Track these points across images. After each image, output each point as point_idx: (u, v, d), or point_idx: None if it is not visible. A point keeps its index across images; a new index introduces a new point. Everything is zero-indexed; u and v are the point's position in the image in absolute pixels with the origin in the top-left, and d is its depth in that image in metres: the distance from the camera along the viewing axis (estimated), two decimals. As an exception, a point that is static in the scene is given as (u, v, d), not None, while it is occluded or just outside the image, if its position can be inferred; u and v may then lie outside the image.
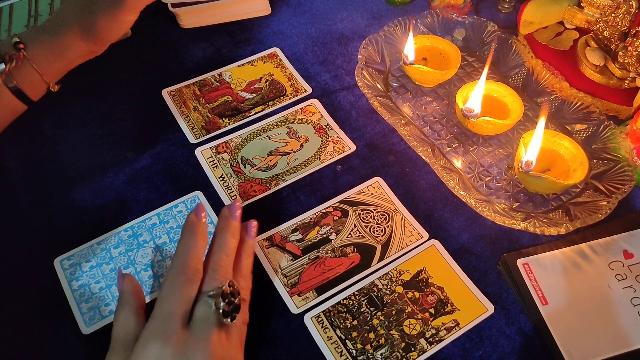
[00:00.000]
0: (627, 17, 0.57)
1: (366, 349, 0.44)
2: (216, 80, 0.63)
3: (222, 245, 0.43)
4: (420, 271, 0.48)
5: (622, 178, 0.51)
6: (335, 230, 0.51)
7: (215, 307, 0.38)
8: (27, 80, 0.49)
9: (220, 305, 0.38)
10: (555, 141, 0.53)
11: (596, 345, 0.44)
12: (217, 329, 0.38)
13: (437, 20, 0.64)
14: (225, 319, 0.38)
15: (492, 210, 0.49)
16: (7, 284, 0.48)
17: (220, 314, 0.38)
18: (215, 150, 0.57)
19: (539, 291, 0.47)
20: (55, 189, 0.54)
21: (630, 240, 0.50)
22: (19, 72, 0.48)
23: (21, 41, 0.48)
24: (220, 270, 0.41)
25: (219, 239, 0.44)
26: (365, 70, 0.59)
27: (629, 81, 0.58)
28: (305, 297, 0.47)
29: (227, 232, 0.44)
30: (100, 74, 0.63)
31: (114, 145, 0.58)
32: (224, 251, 0.43)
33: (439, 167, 0.52)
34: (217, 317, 0.38)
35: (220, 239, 0.44)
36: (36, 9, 0.68)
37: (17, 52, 0.48)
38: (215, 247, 0.43)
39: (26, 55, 0.48)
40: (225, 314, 0.38)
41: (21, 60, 0.48)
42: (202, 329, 0.38)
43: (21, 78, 0.49)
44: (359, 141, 0.58)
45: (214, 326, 0.38)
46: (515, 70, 0.61)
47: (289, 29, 0.69)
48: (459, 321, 0.46)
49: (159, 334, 0.37)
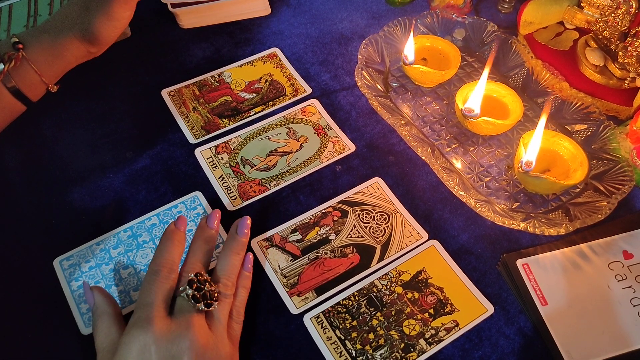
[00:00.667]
0: (627, 17, 0.57)
1: (366, 350, 0.44)
2: (216, 81, 0.63)
3: (194, 251, 0.44)
4: (419, 271, 0.48)
5: (622, 178, 0.51)
6: (334, 230, 0.51)
7: (186, 296, 0.40)
8: (26, 81, 0.49)
9: (189, 292, 0.40)
10: (555, 141, 0.53)
11: (596, 346, 0.44)
12: (197, 315, 0.40)
13: (437, 20, 0.64)
14: (198, 304, 0.40)
15: (491, 211, 0.49)
16: (7, 284, 0.48)
17: (192, 301, 0.40)
18: (215, 150, 0.57)
19: (539, 291, 0.47)
20: (55, 189, 0.54)
21: (630, 241, 0.50)
22: (18, 73, 0.48)
23: (20, 41, 0.48)
24: (190, 271, 0.42)
25: (192, 247, 0.45)
26: (365, 71, 0.59)
27: (629, 81, 0.58)
28: (304, 297, 0.47)
29: (199, 240, 0.45)
30: (100, 74, 0.63)
31: (113, 145, 0.58)
32: (196, 256, 0.44)
33: (439, 167, 0.52)
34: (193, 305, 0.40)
35: (193, 245, 0.45)
36: (35, 9, 0.68)
37: (16, 52, 0.48)
38: (188, 254, 0.44)
39: (25, 55, 0.48)
40: (195, 299, 0.40)
41: (20, 60, 0.48)
42: (182, 316, 0.39)
43: (20, 79, 0.49)
44: (358, 141, 0.58)
45: (193, 313, 0.39)
46: (515, 71, 0.61)
47: (288, 29, 0.69)
48: (459, 322, 0.46)
49: (140, 323, 0.38)
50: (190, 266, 0.43)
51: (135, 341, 0.37)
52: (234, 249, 0.46)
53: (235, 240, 0.46)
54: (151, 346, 0.37)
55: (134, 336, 0.37)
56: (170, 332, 0.38)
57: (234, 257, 0.45)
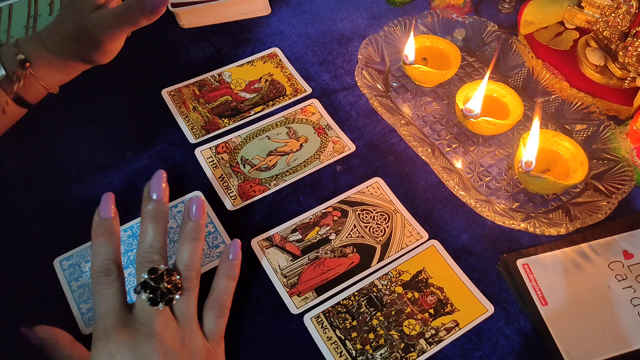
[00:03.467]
0: (627, 17, 0.57)
1: (366, 350, 0.44)
2: (216, 80, 0.63)
3: (143, 234, 0.41)
4: (419, 271, 0.48)
5: (622, 178, 0.51)
6: (334, 230, 0.51)
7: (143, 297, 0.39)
8: (30, 92, 0.50)
9: (143, 297, 0.38)
10: (555, 141, 0.53)
11: (596, 346, 0.44)
12: (159, 313, 0.38)
13: (437, 20, 0.64)
14: (155, 306, 0.38)
15: (492, 211, 0.49)
16: (7, 284, 0.48)
17: (148, 303, 0.38)
18: (215, 150, 0.57)
19: (539, 291, 0.47)
20: (55, 189, 0.54)
21: (631, 241, 0.50)
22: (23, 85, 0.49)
23: (27, 58, 0.48)
24: (143, 264, 0.40)
25: (141, 228, 0.41)
26: (365, 71, 0.59)
27: (629, 81, 0.58)
28: (304, 297, 0.47)
29: (146, 219, 0.41)
30: (100, 74, 0.63)
31: (113, 145, 0.58)
32: (146, 241, 0.41)
33: (439, 167, 0.52)
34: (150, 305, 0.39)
35: (142, 226, 0.41)
36: (35, 9, 0.68)
37: (24, 70, 0.48)
38: (139, 239, 0.41)
39: (33, 73, 0.49)
40: (153, 302, 0.38)
41: (28, 78, 0.49)
42: (143, 317, 0.38)
43: (24, 90, 0.49)
44: (358, 141, 0.58)
45: (154, 313, 0.38)
46: (515, 70, 0.61)
47: (288, 29, 0.69)
48: (459, 322, 0.46)
49: (101, 334, 0.37)
50: (141, 257, 0.40)
51: (101, 353, 0.37)
52: (189, 235, 0.42)
53: (188, 224, 0.43)
54: (116, 355, 0.36)
55: (99, 348, 0.37)
56: (133, 336, 0.37)
57: (191, 245, 0.42)
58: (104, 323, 0.38)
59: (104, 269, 0.39)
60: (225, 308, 0.43)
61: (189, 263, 0.41)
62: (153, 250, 0.40)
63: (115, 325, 0.37)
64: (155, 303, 0.38)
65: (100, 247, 0.40)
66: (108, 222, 0.41)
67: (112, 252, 0.40)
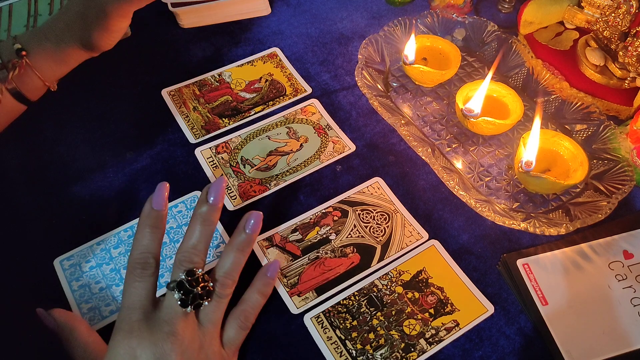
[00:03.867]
0: (627, 17, 0.57)
1: (366, 349, 0.44)
2: (216, 80, 0.63)
3: (190, 234, 0.41)
4: (420, 271, 0.48)
5: (622, 178, 0.51)
6: (335, 230, 0.51)
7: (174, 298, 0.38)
8: (28, 84, 0.49)
9: (176, 296, 0.38)
10: (555, 141, 0.53)
11: (596, 346, 0.44)
12: (184, 315, 0.38)
13: (437, 20, 0.64)
14: (185, 308, 0.38)
15: (492, 211, 0.49)
16: (7, 284, 0.48)
17: (178, 303, 0.38)
18: (215, 150, 0.57)
19: (539, 291, 0.47)
20: (55, 189, 0.54)
21: (631, 241, 0.50)
22: (20, 77, 0.48)
23: (23, 48, 0.48)
24: (182, 260, 0.40)
25: (189, 227, 0.41)
26: (365, 70, 0.59)
27: (629, 81, 0.58)
28: (305, 297, 0.47)
29: (197, 220, 0.41)
30: (100, 74, 0.63)
31: (113, 145, 0.58)
32: (192, 241, 0.40)
33: (439, 167, 0.52)
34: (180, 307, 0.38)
35: (191, 226, 0.41)
36: (35, 9, 0.68)
37: (19, 59, 0.48)
38: (184, 237, 0.41)
39: (29, 62, 0.48)
40: (183, 303, 0.38)
41: (24, 67, 0.48)
42: (167, 315, 0.38)
43: (21, 82, 0.49)
44: (358, 141, 0.58)
45: (179, 314, 0.38)
46: (515, 70, 0.61)
47: (289, 29, 0.69)
48: (459, 321, 0.46)
49: (124, 326, 0.38)
50: (182, 255, 0.40)
51: (121, 344, 0.37)
52: (239, 245, 0.42)
53: (241, 235, 0.42)
54: (136, 349, 0.37)
55: (120, 340, 0.37)
56: (155, 333, 0.37)
57: (236, 255, 0.42)
58: (130, 315, 0.38)
59: (142, 261, 0.39)
60: (250, 322, 0.43)
61: (229, 271, 0.41)
62: (195, 252, 0.40)
63: (140, 320, 0.38)
64: (185, 305, 0.38)
65: (144, 239, 0.40)
66: (158, 214, 0.40)
67: (155, 246, 0.40)
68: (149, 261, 0.39)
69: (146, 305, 0.38)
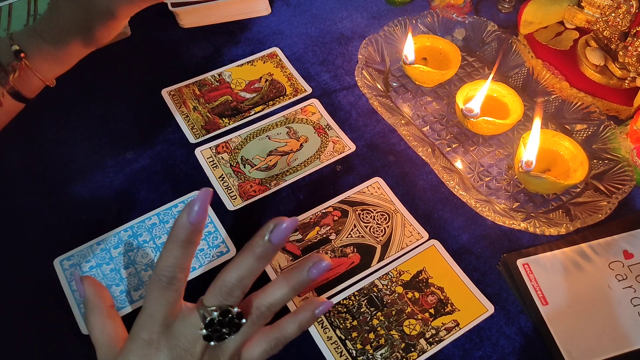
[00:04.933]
0: (627, 17, 0.57)
1: (366, 349, 0.44)
2: (216, 80, 0.63)
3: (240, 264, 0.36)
4: (420, 271, 0.48)
5: (622, 178, 0.51)
6: (335, 230, 0.51)
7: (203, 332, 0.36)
8: (26, 84, 0.49)
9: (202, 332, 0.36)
10: (555, 141, 0.53)
11: (596, 345, 0.44)
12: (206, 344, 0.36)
13: (437, 20, 0.64)
14: (207, 341, 0.36)
15: (492, 211, 0.49)
16: (7, 285, 0.48)
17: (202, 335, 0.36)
18: (215, 150, 0.57)
19: (539, 291, 0.47)
20: (55, 189, 0.54)
21: (631, 241, 0.50)
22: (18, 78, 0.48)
23: (22, 49, 0.48)
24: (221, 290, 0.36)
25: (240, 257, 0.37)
26: (365, 70, 0.59)
27: (629, 81, 0.58)
28: (304, 297, 0.47)
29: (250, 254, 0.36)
30: (100, 74, 0.63)
31: (113, 145, 0.58)
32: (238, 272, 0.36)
33: (439, 167, 0.52)
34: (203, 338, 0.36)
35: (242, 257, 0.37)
36: (35, 9, 0.68)
37: (19, 61, 0.47)
38: (232, 265, 0.37)
39: (28, 64, 0.48)
40: (207, 338, 0.36)
41: (23, 69, 0.48)
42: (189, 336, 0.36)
43: (20, 82, 0.48)
44: (358, 141, 0.58)
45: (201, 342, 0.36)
46: (515, 70, 0.61)
47: (289, 29, 0.69)
48: (459, 321, 0.46)
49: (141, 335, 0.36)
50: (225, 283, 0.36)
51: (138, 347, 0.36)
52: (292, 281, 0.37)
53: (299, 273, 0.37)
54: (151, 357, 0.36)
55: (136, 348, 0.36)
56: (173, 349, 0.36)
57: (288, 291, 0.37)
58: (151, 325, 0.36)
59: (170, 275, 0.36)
60: (278, 351, 0.40)
61: (274, 304, 0.37)
62: (240, 285, 0.36)
63: (160, 332, 0.36)
64: (209, 340, 0.36)
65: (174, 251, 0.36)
66: (195, 228, 0.36)
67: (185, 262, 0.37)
68: (177, 276, 0.36)
69: (168, 317, 0.37)
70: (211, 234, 0.51)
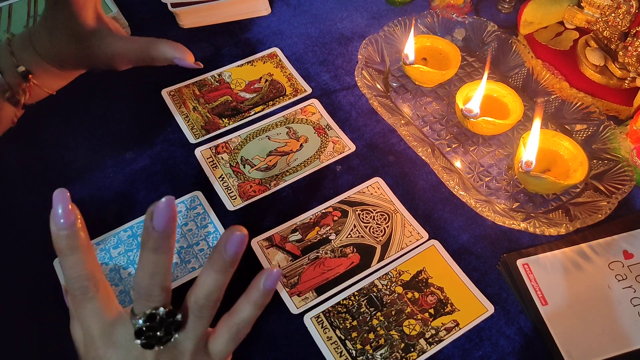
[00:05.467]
0: (627, 17, 0.57)
1: (366, 350, 0.44)
2: (216, 80, 0.63)
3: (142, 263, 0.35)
4: (420, 271, 0.48)
5: (622, 178, 0.51)
6: (334, 230, 0.51)
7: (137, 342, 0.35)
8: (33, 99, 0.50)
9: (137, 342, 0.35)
10: (555, 141, 0.53)
11: (596, 346, 0.44)
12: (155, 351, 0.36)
13: (437, 20, 0.64)
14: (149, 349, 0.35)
15: (492, 211, 0.49)
16: (6, 285, 0.48)
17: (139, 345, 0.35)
18: (215, 150, 0.57)
19: (539, 291, 0.47)
20: (55, 189, 0.54)
21: (630, 241, 0.50)
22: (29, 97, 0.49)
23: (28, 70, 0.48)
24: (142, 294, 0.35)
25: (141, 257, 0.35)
26: (365, 70, 0.59)
27: (629, 81, 0.58)
28: (304, 297, 0.47)
29: (146, 249, 0.35)
30: (100, 74, 0.63)
31: (113, 145, 0.58)
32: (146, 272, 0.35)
33: (439, 167, 0.52)
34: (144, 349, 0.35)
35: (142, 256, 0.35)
36: (35, 9, 0.68)
37: (27, 82, 0.48)
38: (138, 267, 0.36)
39: (37, 83, 0.49)
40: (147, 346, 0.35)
41: (32, 88, 0.49)
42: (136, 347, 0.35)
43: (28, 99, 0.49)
44: (358, 141, 0.58)
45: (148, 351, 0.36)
46: (515, 70, 0.61)
47: (289, 29, 0.69)
48: (459, 321, 0.46)
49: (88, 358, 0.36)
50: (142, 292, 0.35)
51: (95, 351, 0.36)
52: (220, 267, 0.36)
53: (222, 257, 0.35)
54: None
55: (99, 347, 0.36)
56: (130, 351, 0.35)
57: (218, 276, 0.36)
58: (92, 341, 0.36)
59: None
60: (243, 335, 0.38)
61: (210, 293, 0.36)
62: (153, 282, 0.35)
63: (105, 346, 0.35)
64: (149, 347, 0.35)
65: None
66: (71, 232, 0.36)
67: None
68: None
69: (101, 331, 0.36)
70: (211, 234, 0.51)
